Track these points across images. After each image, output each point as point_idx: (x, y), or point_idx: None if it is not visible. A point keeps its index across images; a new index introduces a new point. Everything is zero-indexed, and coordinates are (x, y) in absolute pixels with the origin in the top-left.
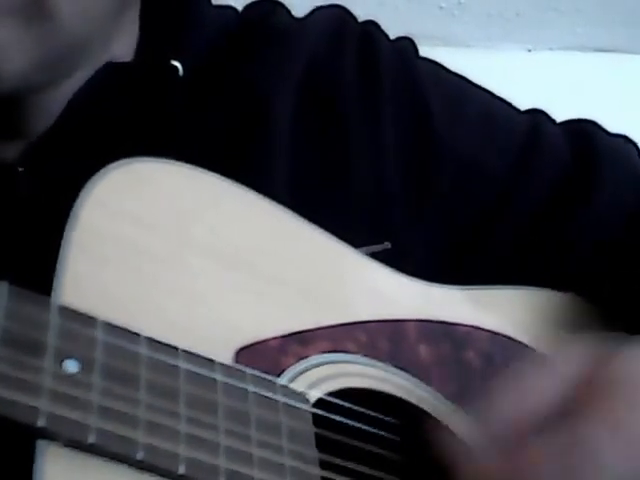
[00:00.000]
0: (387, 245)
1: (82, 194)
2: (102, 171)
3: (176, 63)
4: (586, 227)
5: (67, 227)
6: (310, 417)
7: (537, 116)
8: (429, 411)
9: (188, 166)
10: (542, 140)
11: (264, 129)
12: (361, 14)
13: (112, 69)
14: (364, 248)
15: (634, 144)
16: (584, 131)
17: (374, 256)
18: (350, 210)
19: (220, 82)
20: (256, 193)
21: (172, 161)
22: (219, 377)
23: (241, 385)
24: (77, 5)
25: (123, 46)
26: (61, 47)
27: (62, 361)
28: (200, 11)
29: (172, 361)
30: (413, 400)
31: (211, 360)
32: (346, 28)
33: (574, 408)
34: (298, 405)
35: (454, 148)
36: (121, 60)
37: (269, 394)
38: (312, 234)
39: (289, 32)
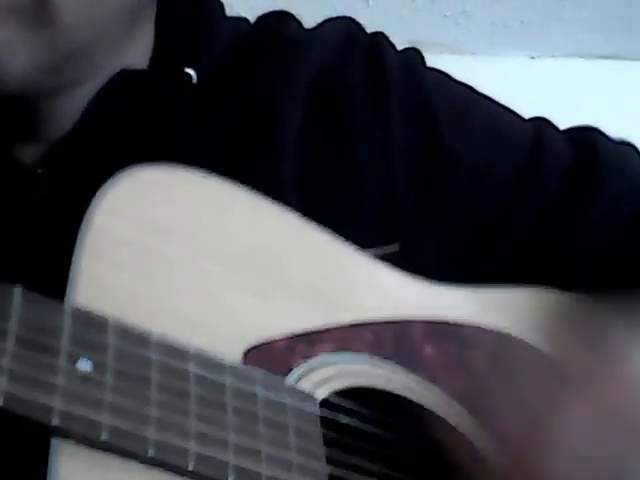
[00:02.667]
0: (396, 247)
1: (95, 199)
2: (115, 177)
3: (190, 71)
4: (588, 230)
5: (80, 232)
6: (317, 416)
7: (541, 124)
8: (434, 410)
9: (198, 171)
10: (546, 148)
11: (273, 139)
12: (367, 22)
13: (127, 75)
14: (373, 250)
15: (636, 149)
16: (587, 138)
17: (383, 258)
18: (359, 215)
19: (232, 92)
20: (265, 197)
21: (183, 167)
22: (228, 380)
23: (249, 387)
24: (81, 11)
25: (138, 54)
26: (65, 51)
27: (76, 360)
28: (214, 21)
29: (182, 365)
30: (418, 399)
31: (220, 363)
32: (354, 40)
33: None
34: (305, 405)
35: (461, 157)
36: (136, 67)
37: (277, 395)
38: (320, 236)
39: (299, 43)
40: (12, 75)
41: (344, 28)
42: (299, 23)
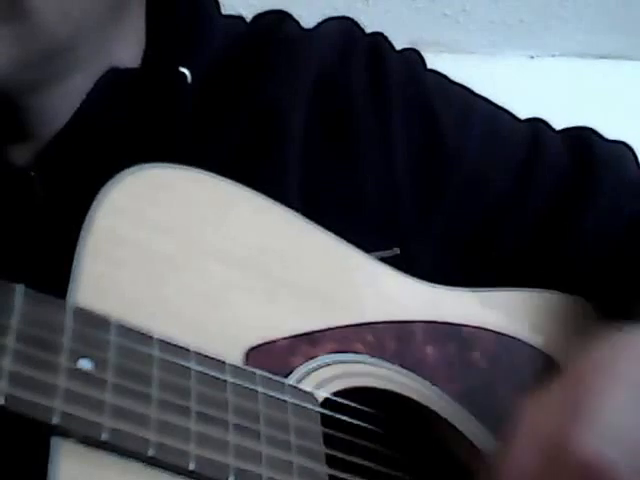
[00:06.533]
0: (396, 251)
1: (98, 198)
2: (118, 176)
3: (184, 70)
4: (586, 230)
5: (82, 231)
6: (318, 416)
7: (537, 125)
8: (435, 410)
9: (201, 171)
10: (543, 149)
11: (276, 142)
12: (367, 21)
13: (118, 74)
14: (374, 254)
15: (631, 149)
16: (582, 138)
17: (383, 261)
18: (361, 218)
19: (230, 93)
20: (268, 198)
21: (186, 166)
22: (229, 378)
23: (251, 386)
24: (56, 6)
25: (128, 52)
26: (43, 47)
27: (77, 359)
28: (209, 20)
29: (184, 362)
30: (419, 399)
31: (222, 361)
32: (354, 40)
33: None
34: (306, 405)
35: (461, 160)
36: (128, 66)
37: (278, 394)
38: (322, 237)
39: (298, 43)
40: None
41: (344, 28)
42: (297, 23)
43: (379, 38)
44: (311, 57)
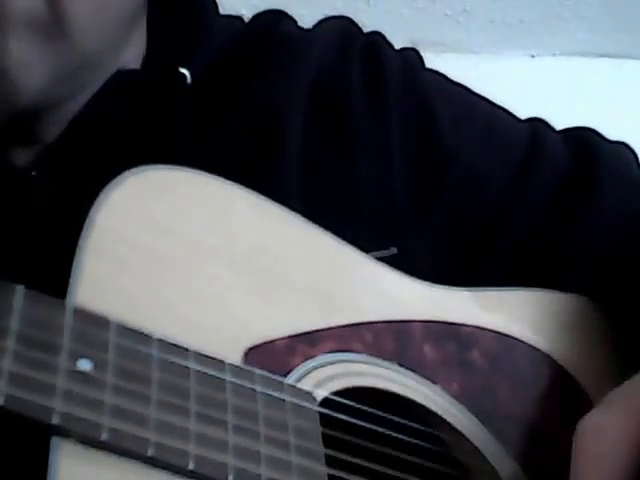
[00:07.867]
0: (394, 250)
1: (99, 199)
2: (119, 177)
3: (184, 70)
4: (587, 230)
5: (83, 231)
6: (317, 416)
7: (537, 124)
8: (434, 410)
9: (202, 173)
10: (543, 148)
11: (275, 142)
12: (367, 21)
13: (121, 76)
14: (372, 253)
15: (632, 150)
16: (583, 139)
17: (381, 261)
18: (359, 218)
19: (229, 92)
20: (268, 198)
21: (187, 168)
22: (228, 377)
23: (250, 385)
24: (93, 22)
25: (132, 55)
26: (77, 62)
27: (76, 360)
28: (208, 20)
29: (183, 362)
30: (418, 399)
31: (221, 361)
32: (352, 40)
33: None
34: (305, 404)
35: (460, 157)
36: (129, 67)
37: (277, 394)
38: (321, 237)
39: (298, 42)
40: (29, 90)
41: (341, 27)
42: (295, 22)
43: (377, 37)
44: (309, 57)
